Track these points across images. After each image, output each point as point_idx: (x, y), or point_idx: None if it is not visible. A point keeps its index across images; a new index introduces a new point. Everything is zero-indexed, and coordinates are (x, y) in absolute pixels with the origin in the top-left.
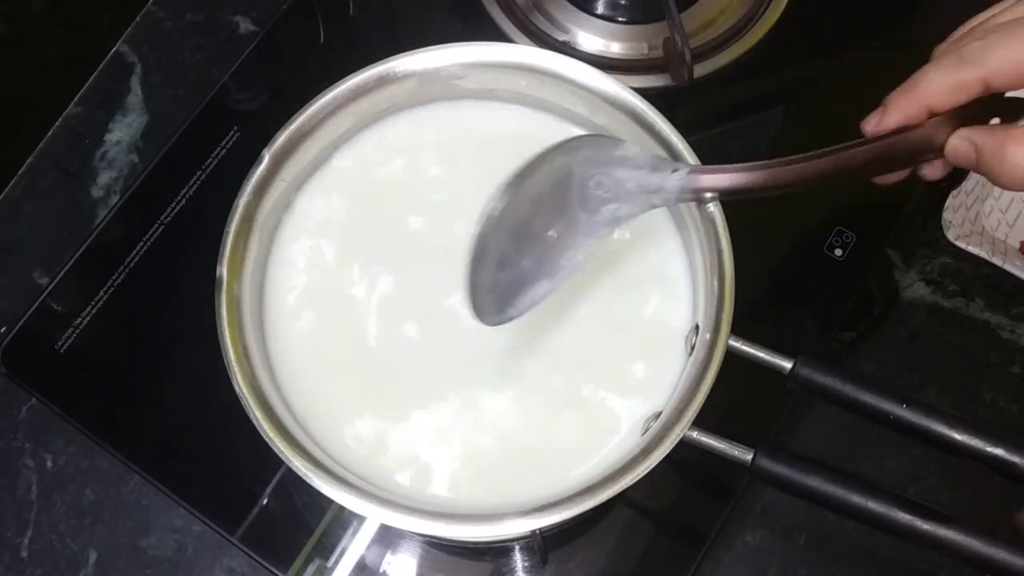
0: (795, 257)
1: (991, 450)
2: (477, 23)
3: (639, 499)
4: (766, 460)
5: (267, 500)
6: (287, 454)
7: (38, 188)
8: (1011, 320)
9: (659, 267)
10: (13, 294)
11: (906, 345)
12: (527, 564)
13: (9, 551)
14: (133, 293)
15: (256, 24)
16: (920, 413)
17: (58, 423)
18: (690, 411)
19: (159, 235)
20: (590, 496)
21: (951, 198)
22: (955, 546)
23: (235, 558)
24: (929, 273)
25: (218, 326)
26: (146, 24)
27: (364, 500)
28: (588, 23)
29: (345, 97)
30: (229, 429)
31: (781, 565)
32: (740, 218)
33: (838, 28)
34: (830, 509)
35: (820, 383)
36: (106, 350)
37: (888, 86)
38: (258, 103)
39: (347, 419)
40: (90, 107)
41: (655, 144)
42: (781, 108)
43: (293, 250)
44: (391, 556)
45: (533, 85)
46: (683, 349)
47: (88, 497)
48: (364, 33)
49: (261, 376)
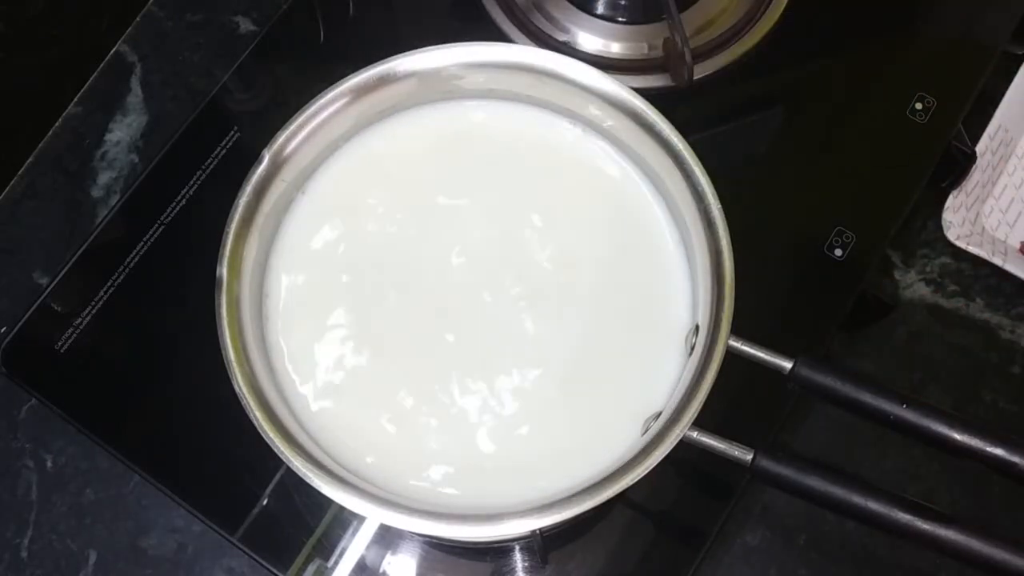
0: (795, 257)
1: (991, 450)
2: (477, 23)
3: (639, 499)
4: (766, 460)
5: (267, 500)
6: (287, 454)
7: (38, 188)
8: (1011, 320)
9: (659, 267)
10: (13, 294)
11: (906, 345)
12: (527, 564)
13: (9, 551)
14: (133, 293)
15: (256, 24)
16: (920, 413)
17: (58, 423)
18: (690, 411)
19: (159, 235)
20: (590, 496)
21: (951, 198)
22: (955, 546)
23: (235, 558)
24: (929, 273)
25: (218, 326)
26: (146, 24)
27: (364, 500)
28: (588, 23)
29: (345, 97)
30: (229, 429)
31: (781, 565)
32: (740, 218)
33: (838, 28)
34: (830, 509)
35: (820, 383)
36: (106, 350)
37: (888, 86)
38: (258, 103)
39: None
40: (90, 107)
41: (655, 144)
42: (781, 108)
43: (294, 250)
44: (391, 556)
45: (533, 85)
46: (683, 349)
47: (88, 497)
48: (364, 33)
49: (261, 376)
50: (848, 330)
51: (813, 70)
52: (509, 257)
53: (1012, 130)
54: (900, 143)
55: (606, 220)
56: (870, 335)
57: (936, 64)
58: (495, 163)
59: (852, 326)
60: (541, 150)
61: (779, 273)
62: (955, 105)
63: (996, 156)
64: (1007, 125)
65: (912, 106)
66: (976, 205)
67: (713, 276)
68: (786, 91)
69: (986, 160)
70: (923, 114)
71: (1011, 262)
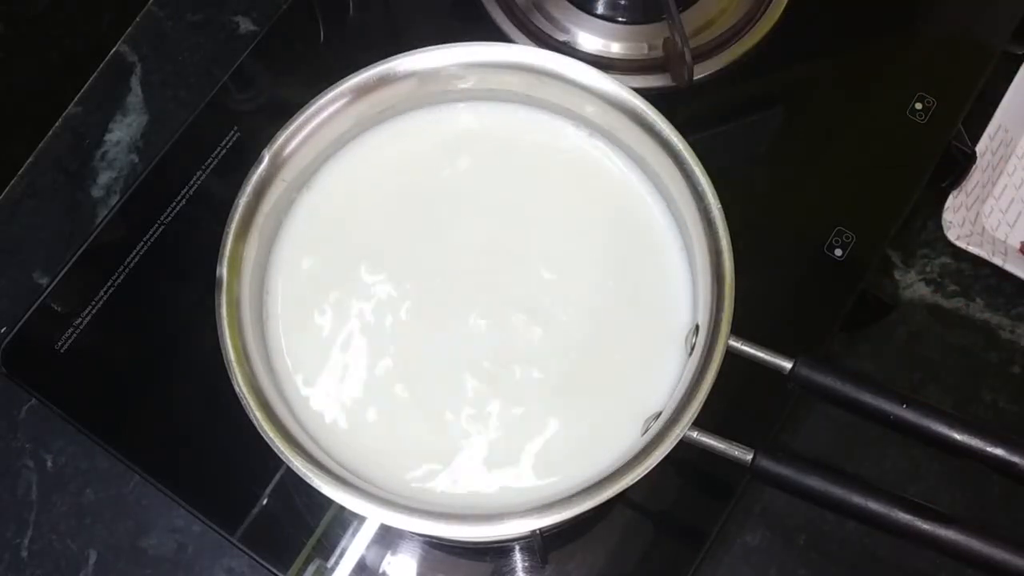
0: (795, 257)
1: (991, 450)
2: (477, 23)
3: (639, 499)
4: (766, 460)
5: (267, 500)
6: (287, 454)
7: (38, 188)
8: (1011, 320)
9: (659, 267)
10: (13, 294)
11: (906, 345)
12: (527, 564)
13: (9, 551)
14: (133, 293)
15: (256, 24)
16: (920, 413)
17: (58, 423)
18: (690, 411)
19: (159, 235)
20: (590, 496)
21: (951, 198)
22: (955, 546)
23: (235, 558)
24: (929, 273)
25: (218, 326)
26: (146, 24)
27: (364, 500)
28: (588, 23)
29: (345, 97)
30: (229, 429)
31: (781, 565)
32: (740, 218)
33: (838, 28)
34: (830, 509)
35: (820, 383)
36: (106, 350)
37: (888, 86)
38: (258, 103)
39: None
40: (90, 107)
41: (655, 144)
42: (781, 108)
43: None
44: (391, 556)
45: (533, 85)
46: (683, 349)
47: (88, 497)
48: (364, 33)
49: (261, 376)
50: (848, 330)
51: (813, 70)
52: (509, 257)
53: (1012, 130)
54: (900, 143)
55: (606, 220)
56: (870, 335)
57: (936, 64)
58: (495, 163)
59: (852, 326)
60: (541, 150)
61: (779, 273)
62: (955, 105)
63: (996, 156)
64: (1007, 125)
65: (912, 106)
66: (976, 205)
67: (713, 276)
68: (786, 91)
69: (986, 160)
70: (923, 114)
71: (1011, 262)
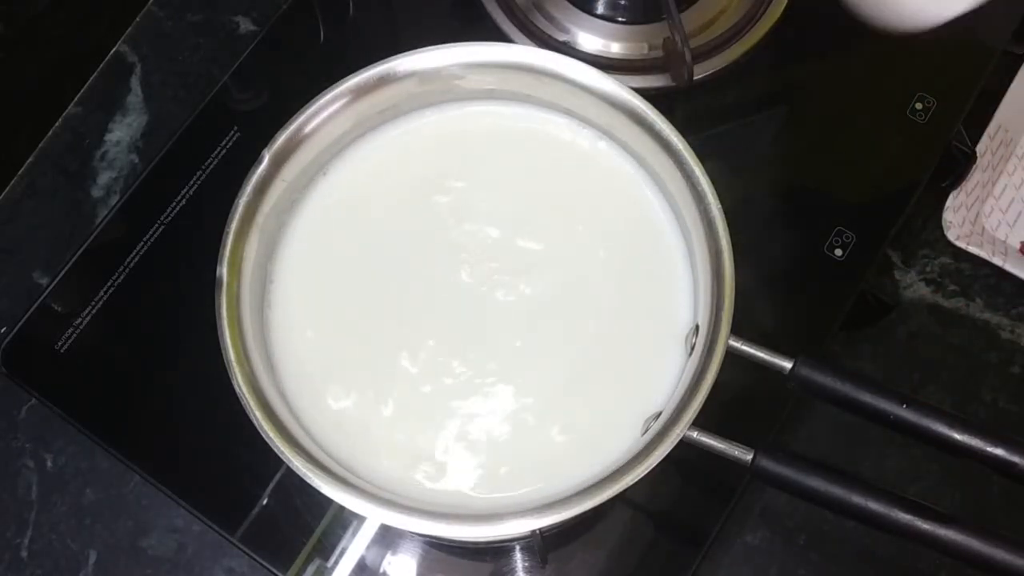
0: (795, 257)
1: (991, 450)
2: (477, 23)
3: (639, 499)
4: (766, 460)
5: (267, 500)
6: (287, 454)
7: (38, 188)
8: (1011, 320)
9: (659, 267)
10: (13, 294)
11: (906, 345)
12: (527, 564)
13: (9, 551)
14: (133, 293)
15: (256, 24)
16: (920, 413)
17: (58, 423)
18: (690, 411)
19: (159, 235)
20: (590, 496)
21: (951, 198)
22: (955, 546)
23: (235, 558)
24: (929, 273)
25: (218, 326)
26: (146, 24)
27: (364, 500)
28: (588, 23)
29: (345, 97)
30: (229, 429)
31: (781, 565)
32: (740, 218)
33: (838, 28)
34: (830, 509)
35: (820, 383)
36: (106, 350)
37: (888, 86)
38: (258, 103)
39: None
40: (90, 107)
41: (655, 144)
42: (781, 108)
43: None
44: (391, 556)
45: (533, 85)
46: (683, 349)
47: (88, 497)
48: (364, 33)
49: (261, 376)
50: (848, 330)
51: (813, 70)
52: (509, 257)
53: (1012, 130)
54: (900, 143)
55: (606, 220)
56: (870, 335)
57: (936, 64)
58: (495, 164)
59: (852, 326)
60: (541, 150)
61: (779, 273)
62: (955, 105)
63: (996, 156)
64: (1007, 125)
65: (912, 106)
66: (976, 205)
67: (713, 276)
68: (786, 91)
69: (986, 160)
70: (923, 114)
71: (1011, 262)
